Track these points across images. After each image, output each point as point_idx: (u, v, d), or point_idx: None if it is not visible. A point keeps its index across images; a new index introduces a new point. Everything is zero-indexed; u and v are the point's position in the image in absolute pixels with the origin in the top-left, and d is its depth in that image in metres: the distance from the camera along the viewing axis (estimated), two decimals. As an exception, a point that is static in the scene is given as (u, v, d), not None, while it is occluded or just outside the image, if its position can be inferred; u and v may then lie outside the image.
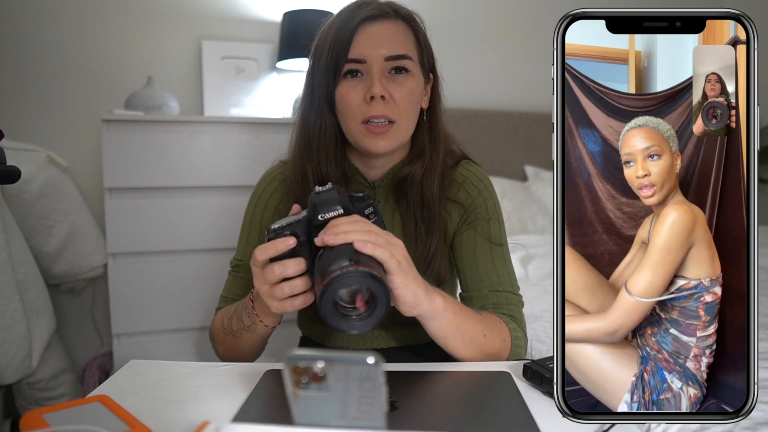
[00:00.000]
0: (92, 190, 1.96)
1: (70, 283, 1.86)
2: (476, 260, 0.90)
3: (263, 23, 2.15)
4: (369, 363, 0.44)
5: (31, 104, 1.96)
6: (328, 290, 0.56)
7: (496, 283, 0.89)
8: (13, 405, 1.61)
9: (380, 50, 0.83)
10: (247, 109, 2.10)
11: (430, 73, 0.93)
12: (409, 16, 0.88)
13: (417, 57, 0.88)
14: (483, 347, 0.78)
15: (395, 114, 0.84)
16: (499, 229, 0.92)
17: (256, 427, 0.47)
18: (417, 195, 0.89)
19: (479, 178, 0.94)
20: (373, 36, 0.83)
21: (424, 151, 0.91)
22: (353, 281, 0.57)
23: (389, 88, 0.84)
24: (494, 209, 0.93)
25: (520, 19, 2.49)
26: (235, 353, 0.88)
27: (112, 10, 2.00)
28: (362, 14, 0.84)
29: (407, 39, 0.87)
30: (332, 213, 0.66)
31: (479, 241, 0.90)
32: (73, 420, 0.52)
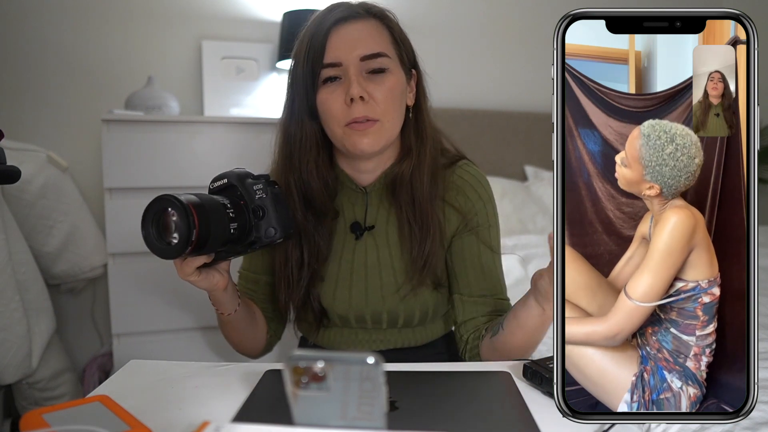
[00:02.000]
0: (92, 190, 1.96)
1: (70, 283, 1.86)
2: (482, 267, 0.91)
3: (263, 23, 2.15)
4: (369, 363, 0.44)
5: (31, 104, 1.95)
6: (155, 204, 0.68)
7: (500, 292, 0.92)
8: (13, 405, 1.61)
9: (355, 51, 0.82)
10: (247, 109, 2.10)
11: (413, 69, 0.92)
12: (381, 14, 0.88)
13: (395, 54, 0.87)
14: (537, 340, 0.81)
15: (377, 113, 0.83)
16: (497, 237, 0.94)
17: (256, 427, 0.47)
18: (408, 195, 0.89)
19: (479, 181, 0.93)
20: (346, 37, 0.83)
21: (411, 149, 0.90)
22: (166, 204, 0.67)
23: (368, 88, 0.83)
24: (493, 214, 0.93)
25: (520, 19, 2.49)
26: (230, 342, 0.97)
27: (113, 10, 2.00)
28: (333, 17, 0.83)
29: (381, 37, 0.86)
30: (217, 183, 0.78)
31: (483, 249, 0.91)
32: (73, 420, 0.52)
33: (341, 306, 0.93)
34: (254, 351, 0.99)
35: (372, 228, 0.92)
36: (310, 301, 0.93)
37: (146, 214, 0.69)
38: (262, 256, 0.97)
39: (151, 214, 0.69)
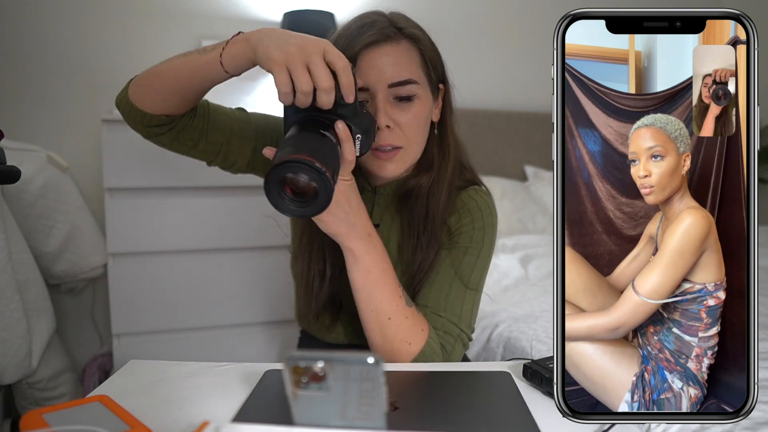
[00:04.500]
0: (92, 190, 1.96)
1: (70, 283, 1.86)
2: (433, 280, 0.86)
3: (263, 23, 2.15)
4: (369, 363, 0.44)
5: (31, 104, 1.95)
6: (278, 168, 0.60)
7: (440, 309, 0.85)
8: (13, 405, 1.61)
9: (383, 78, 0.80)
10: (247, 109, 2.09)
11: (441, 84, 0.89)
12: (413, 35, 0.84)
13: (423, 77, 0.84)
14: (383, 329, 0.77)
15: (402, 140, 0.82)
16: (472, 265, 0.87)
17: (256, 427, 0.47)
18: (422, 208, 0.87)
19: (479, 208, 0.90)
20: (376, 62, 0.80)
21: (432, 163, 0.88)
22: (303, 172, 0.60)
23: (394, 115, 0.81)
24: (479, 241, 0.88)
25: (520, 19, 2.49)
26: (147, 83, 0.81)
27: (113, 10, 2.00)
28: (364, 40, 0.80)
29: (411, 61, 0.82)
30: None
31: (444, 266, 0.87)
32: (73, 420, 0.52)
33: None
34: (172, 102, 0.82)
35: (377, 226, 0.92)
36: (330, 306, 0.92)
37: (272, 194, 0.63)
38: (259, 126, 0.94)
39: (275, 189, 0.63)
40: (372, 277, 0.77)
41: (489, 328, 1.38)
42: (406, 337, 0.78)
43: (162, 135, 0.85)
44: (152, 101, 0.80)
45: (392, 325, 0.78)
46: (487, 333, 1.38)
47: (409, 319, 0.79)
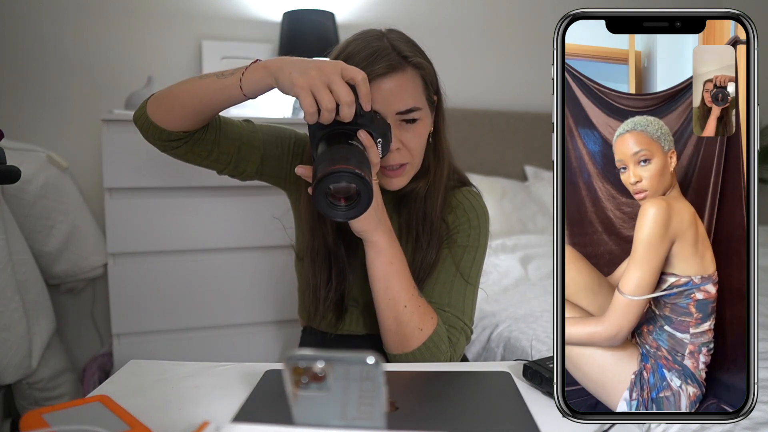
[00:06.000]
0: (92, 190, 1.96)
1: (70, 283, 1.86)
2: (437, 277, 0.92)
3: (263, 23, 2.15)
4: (369, 363, 0.44)
5: (31, 104, 1.95)
6: (323, 181, 0.67)
7: (444, 304, 0.90)
8: (13, 405, 1.61)
9: (392, 107, 0.84)
10: (247, 109, 2.09)
11: (435, 95, 0.92)
12: (418, 64, 0.87)
13: (425, 101, 0.88)
14: (399, 315, 0.83)
15: (407, 158, 0.88)
16: (471, 262, 0.93)
17: (256, 427, 0.47)
18: (419, 211, 0.93)
19: (473, 207, 0.96)
20: (385, 92, 0.84)
21: (428, 169, 0.93)
22: (345, 179, 0.68)
23: (400, 136, 0.86)
24: (476, 240, 0.94)
25: (520, 19, 2.49)
26: (167, 103, 0.85)
27: (113, 10, 2.00)
28: (375, 72, 0.83)
29: (416, 89, 0.87)
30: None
31: (447, 263, 0.92)
32: (73, 420, 0.52)
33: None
34: (189, 120, 0.86)
35: None
36: (338, 307, 0.95)
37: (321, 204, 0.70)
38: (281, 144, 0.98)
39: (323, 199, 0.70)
40: (393, 268, 0.83)
41: (489, 328, 1.38)
42: (419, 323, 0.84)
43: (178, 148, 0.90)
44: (172, 119, 0.86)
45: (407, 312, 0.84)
46: (487, 333, 1.38)
47: (422, 308, 0.85)
